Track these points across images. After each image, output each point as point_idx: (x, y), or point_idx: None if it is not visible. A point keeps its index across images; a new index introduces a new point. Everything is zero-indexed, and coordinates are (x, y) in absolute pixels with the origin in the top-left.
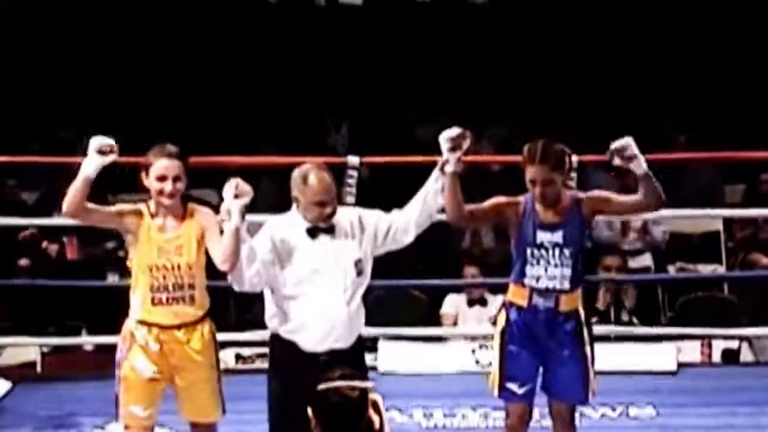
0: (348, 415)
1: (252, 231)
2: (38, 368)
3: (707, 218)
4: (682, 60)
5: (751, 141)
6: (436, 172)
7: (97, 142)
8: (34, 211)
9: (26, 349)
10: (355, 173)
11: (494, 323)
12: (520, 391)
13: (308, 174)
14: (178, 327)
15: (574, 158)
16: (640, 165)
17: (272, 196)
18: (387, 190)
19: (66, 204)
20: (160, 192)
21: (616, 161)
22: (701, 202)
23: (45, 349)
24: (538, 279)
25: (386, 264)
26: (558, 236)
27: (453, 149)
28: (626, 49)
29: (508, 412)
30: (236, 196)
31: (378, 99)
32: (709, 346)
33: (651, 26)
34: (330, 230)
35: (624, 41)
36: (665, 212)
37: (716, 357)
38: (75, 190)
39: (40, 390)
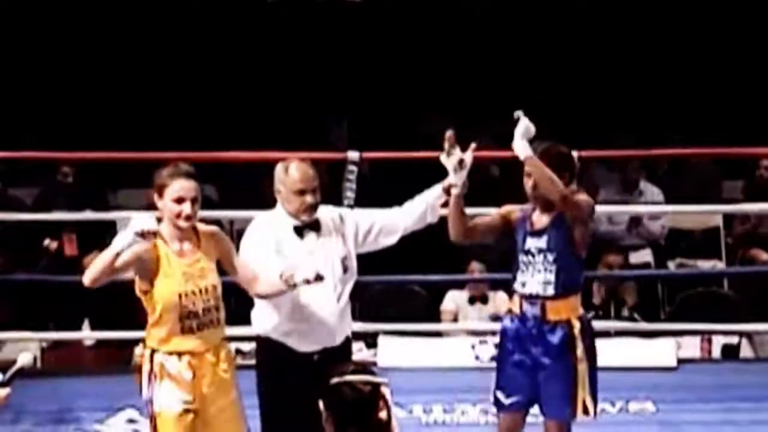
0: (361, 409)
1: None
2: (38, 364)
3: (707, 214)
4: (681, 56)
5: (749, 136)
6: (438, 190)
7: (141, 224)
8: (33, 208)
9: (26, 344)
10: (355, 168)
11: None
12: (507, 401)
13: (289, 165)
14: (207, 350)
15: (574, 153)
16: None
17: (271, 192)
18: (387, 186)
19: (91, 277)
20: (178, 215)
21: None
22: (701, 197)
23: (45, 344)
24: (524, 285)
25: (387, 259)
26: (542, 241)
27: (456, 168)
28: (625, 47)
29: (499, 420)
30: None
31: (379, 94)
32: (709, 341)
33: (649, 25)
34: (316, 227)
35: (624, 39)
36: (665, 207)
37: (716, 352)
38: (104, 265)
39: (40, 385)
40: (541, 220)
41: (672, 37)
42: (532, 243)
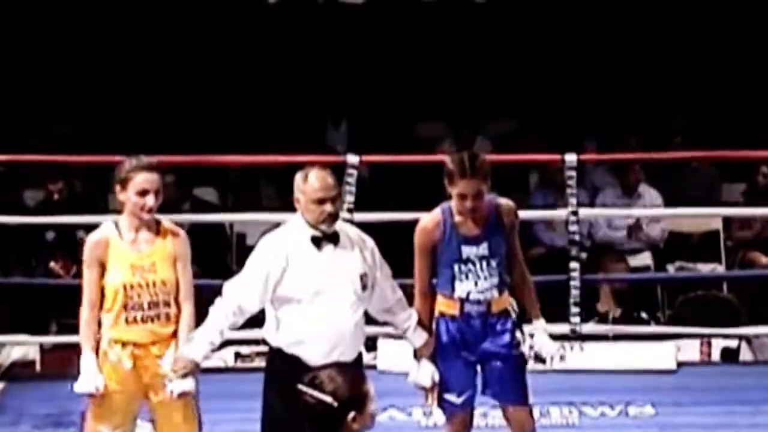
0: (329, 414)
1: (253, 234)
2: (37, 366)
3: (707, 217)
4: (682, 58)
5: (750, 140)
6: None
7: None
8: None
9: (25, 347)
10: (354, 172)
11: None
12: (459, 400)
13: (308, 173)
14: (153, 343)
15: (573, 157)
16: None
17: (270, 195)
18: (386, 189)
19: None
20: (142, 207)
21: None
22: (701, 201)
23: (45, 347)
24: (468, 294)
25: (386, 262)
26: (483, 248)
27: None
28: (627, 47)
29: (449, 422)
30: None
31: (378, 97)
32: (709, 345)
33: (650, 25)
34: (334, 239)
35: (624, 39)
36: (665, 211)
37: (715, 356)
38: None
39: (39, 388)
40: (470, 225)
41: (673, 38)
42: (470, 251)
